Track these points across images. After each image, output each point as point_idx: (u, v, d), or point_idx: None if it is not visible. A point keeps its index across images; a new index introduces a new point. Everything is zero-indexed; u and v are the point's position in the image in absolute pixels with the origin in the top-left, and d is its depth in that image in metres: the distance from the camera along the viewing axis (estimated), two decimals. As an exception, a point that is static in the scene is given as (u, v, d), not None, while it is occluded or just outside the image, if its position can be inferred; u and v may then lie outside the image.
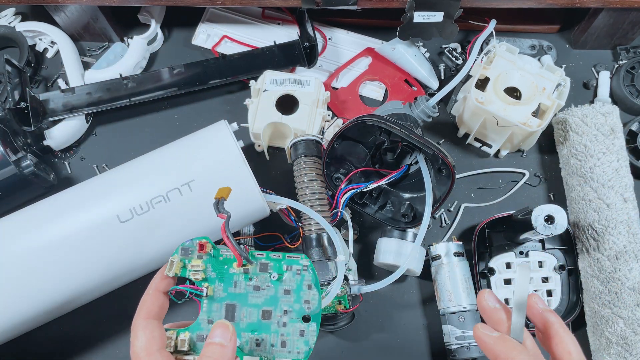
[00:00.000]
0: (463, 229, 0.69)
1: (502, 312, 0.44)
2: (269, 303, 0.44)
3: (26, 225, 0.57)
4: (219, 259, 0.44)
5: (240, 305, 0.44)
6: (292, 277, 0.44)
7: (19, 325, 0.57)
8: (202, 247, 0.44)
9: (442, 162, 0.58)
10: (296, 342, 0.43)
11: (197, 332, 0.43)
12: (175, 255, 0.44)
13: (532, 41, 0.76)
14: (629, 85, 0.73)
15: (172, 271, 0.43)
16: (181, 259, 0.44)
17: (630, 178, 0.64)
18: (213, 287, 0.44)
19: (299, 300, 0.44)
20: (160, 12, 0.80)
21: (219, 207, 0.42)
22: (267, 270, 0.44)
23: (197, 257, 0.44)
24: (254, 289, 0.44)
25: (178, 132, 0.65)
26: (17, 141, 0.67)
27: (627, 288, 0.59)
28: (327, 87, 0.76)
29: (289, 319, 0.44)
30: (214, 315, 0.43)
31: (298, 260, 0.45)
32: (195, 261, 0.44)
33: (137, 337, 0.40)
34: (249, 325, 0.43)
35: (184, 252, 0.44)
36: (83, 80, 0.75)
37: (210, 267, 0.44)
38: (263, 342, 0.43)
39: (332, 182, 0.64)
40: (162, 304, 0.43)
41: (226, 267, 0.44)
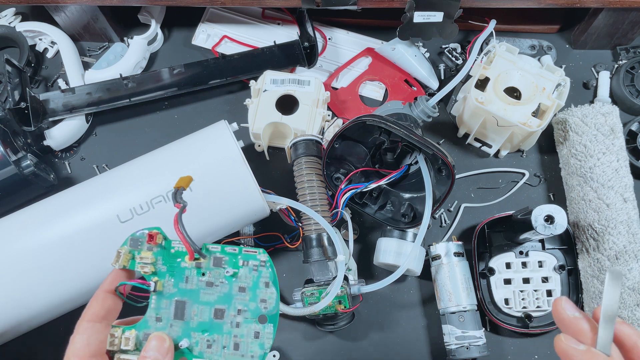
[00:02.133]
0: (463, 229, 0.69)
1: (583, 322, 0.40)
2: (222, 301, 0.40)
3: (26, 225, 0.57)
4: (171, 252, 0.41)
5: (192, 303, 0.40)
6: (248, 273, 0.41)
7: (19, 325, 0.57)
8: (152, 237, 0.40)
9: (442, 162, 0.58)
10: (250, 345, 0.40)
11: (144, 330, 0.40)
12: (123, 247, 0.41)
13: (532, 41, 0.76)
14: (628, 85, 0.73)
15: (119, 263, 0.40)
16: (130, 250, 0.41)
17: (630, 178, 0.64)
18: (163, 282, 0.40)
19: (255, 299, 0.40)
20: (160, 12, 0.80)
21: (177, 197, 0.39)
22: (221, 265, 0.41)
23: (146, 248, 0.41)
24: (207, 285, 0.41)
25: (178, 132, 0.65)
26: (17, 141, 0.67)
27: (627, 288, 0.59)
28: (327, 87, 0.76)
29: (243, 319, 0.40)
30: (163, 312, 0.40)
31: (255, 255, 0.41)
32: (144, 253, 0.40)
33: (74, 341, 0.38)
34: (200, 325, 0.40)
35: (133, 243, 0.41)
36: (83, 80, 0.75)
37: (161, 260, 0.41)
38: (215, 343, 0.40)
39: (332, 182, 0.64)
40: (111, 307, 0.40)
41: (178, 260, 0.41)
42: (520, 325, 0.63)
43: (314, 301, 0.58)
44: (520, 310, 0.63)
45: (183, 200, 0.39)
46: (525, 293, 0.63)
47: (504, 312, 0.63)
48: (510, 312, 0.63)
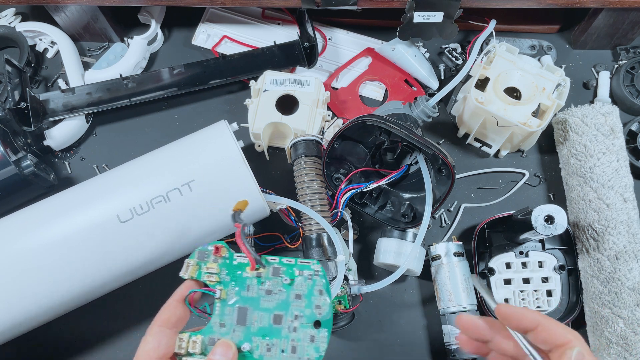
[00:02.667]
0: (463, 229, 0.69)
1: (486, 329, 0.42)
2: (280, 307, 0.44)
3: (26, 225, 0.57)
4: (233, 263, 0.45)
5: (252, 309, 0.44)
6: (303, 281, 0.44)
7: (18, 325, 0.57)
8: (218, 250, 0.44)
9: (442, 162, 0.58)
10: (306, 348, 0.43)
11: (209, 335, 0.43)
12: (192, 259, 0.44)
13: (532, 41, 0.76)
14: (628, 86, 0.73)
15: (187, 273, 0.44)
16: (197, 262, 0.44)
17: (630, 178, 0.64)
18: (226, 290, 0.44)
19: (310, 306, 0.44)
20: (160, 12, 0.80)
21: (236, 218, 0.43)
22: (279, 275, 0.44)
23: (212, 260, 0.45)
24: (266, 293, 0.44)
25: (178, 132, 0.65)
26: (17, 141, 0.67)
27: (627, 288, 0.59)
28: (327, 87, 0.76)
29: (299, 324, 0.43)
30: (226, 318, 0.43)
31: (310, 265, 0.45)
32: (210, 264, 0.44)
33: (145, 342, 0.41)
34: (260, 330, 0.43)
35: (200, 255, 0.45)
36: (83, 80, 0.75)
37: (225, 270, 0.44)
38: (274, 347, 0.43)
39: (332, 182, 0.64)
40: (181, 315, 0.43)
41: (240, 272, 0.45)
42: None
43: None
44: (520, 310, 0.63)
45: (242, 220, 0.43)
46: (525, 293, 0.63)
47: (504, 312, 0.63)
48: (510, 312, 0.63)
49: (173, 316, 0.42)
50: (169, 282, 0.47)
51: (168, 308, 0.43)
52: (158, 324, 0.42)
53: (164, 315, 0.42)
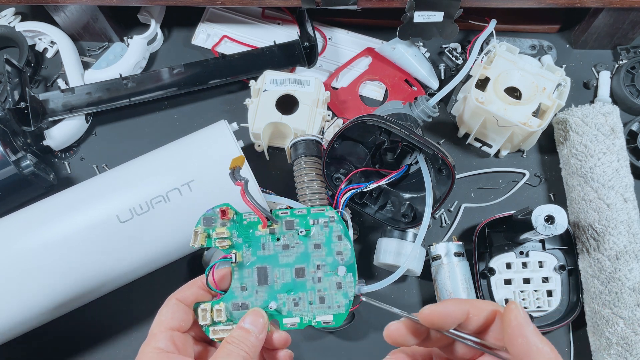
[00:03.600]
0: (463, 229, 0.69)
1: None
2: (300, 260, 0.42)
3: (26, 225, 0.57)
4: (243, 224, 0.43)
5: (272, 267, 0.42)
6: (320, 230, 0.43)
7: (18, 325, 0.57)
8: (225, 213, 0.42)
9: (442, 162, 0.58)
10: (335, 296, 0.42)
11: (232, 300, 0.42)
12: (198, 227, 0.42)
13: (532, 41, 0.76)
14: (629, 85, 0.73)
15: (197, 242, 0.42)
16: (204, 229, 0.42)
17: (631, 178, 0.64)
18: (241, 253, 0.43)
19: (331, 253, 0.43)
20: (160, 12, 0.80)
21: (235, 176, 0.41)
22: (293, 228, 0.43)
23: (220, 224, 0.43)
24: (284, 249, 0.43)
25: (178, 132, 0.65)
26: (17, 141, 0.67)
27: (628, 288, 0.59)
28: (327, 87, 0.76)
29: (323, 274, 0.42)
30: (247, 281, 0.42)
31: (324, 212, 0.43)
32: (219, 229, 0.42)
33: (161, 313, 0.40)
34: (284, 286, 0.42)
35: (206, 222, 0.43)
36: (83, 80, 0.75)
37: (236, 232, 0.43)
38: (301, 300, 0.42)
39: (332, 182, 0.63)
40: (199, 297, 0.42)
41: (251, 230, 0.43)
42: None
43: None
44: (521, 310, 0.62)
45: (242, 177, 0.41)
46: (525, 293, 0.63)
47: (504, 312, 0.63)
48: (511, 312, 0.63)
49: (191, 295, 0.41)
50: (169, 282, 0.47)
51: (190, 286, 0.42)
52: (176, 297, 0.41)
53: (184, 292, 0.41)
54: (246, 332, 0.39)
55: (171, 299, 0.41)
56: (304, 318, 0.42)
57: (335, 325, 0.42)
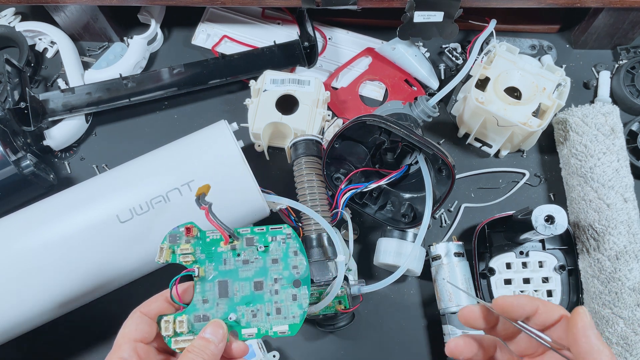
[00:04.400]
0: (463, 229, 0.69)
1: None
2: (259, 274, 0.46)
3: (26, 225, 0.57)
4: (207, 241, 0.46)
5: (232, 281, 0.45)
6: (277, 246, 0.46)
7: (18, 325, 0.57)
8: (189, 230, 0.45)
9: (442, 162, 0.58)
10: (290, 307, 0.45)
11: (194, 313, 0.44)
12: (164, 243, 0.45)
13: (532, 41, 0.76)
14: (629, 85, 0.73)
15: (162, 258, 0.44)
16: (170, 245, 0.45)
17: (631, 178, 0.64)
18: (204, 268, 0.45)
19: (288, 267, 0.46)
20: (160, 12, 0.80)
21: (200, 202, 0.44)
22: (253, 244, 0.46)
23: (185, 241, 0.45)
24: (244, 263, 0.46)
25: (178, 132, 0.65)
26: (17, 141, 0.67)
27: (627, 288, 0.59)
28: (327, 87, 0.76)
29: (280, 286, 0.45)
30: (208, 294, 0.45)
31: (281, 230, 0.47)
32: (183, 245, 0.45)
33: (125, 325, 0.42)
34: (243, 299, 0.45)
35: (171, 239, 0.45)
36: (83, 80, 0.75)
37: (199, 249, 0.46)
38: (259, 312, 0.45)
39: (332, 182, 0.63)
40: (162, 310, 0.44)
41: (214, 247, 0.46)
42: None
43: (314, 301, 0.58)
44: (521, 310, 0.62)
45: (207, 202, 0.44)
46: (525, 293, 0.63)
47: (504, 312, 0.63)
48: (511, 312, 0.63)
49: (155, 309, 0.44)
50: (169, 282, 0.47)
51: (154, 300, 0.44)
52: (140, 310, 0.43)
53: (148, 306, 0.44)
54: (206, 341, 0.41)
55: (135, 312, 0.43)
56: (261, 328, 0.44)
57: (290, 334, 0.45)
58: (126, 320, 0.43)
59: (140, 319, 0.43)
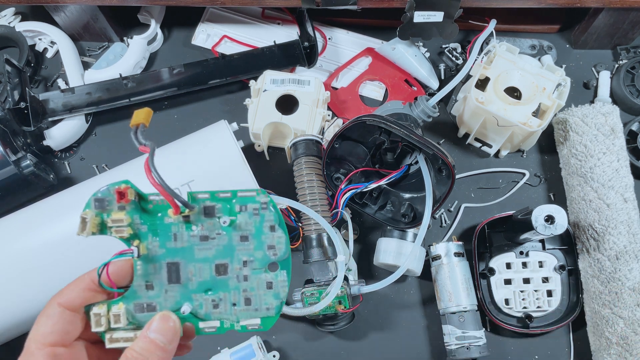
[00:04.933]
0: (463, 229, 0.69)
1: None
2: (222, 255, 0.35)
3: (26, 225, 0.57)
4: (149, 207, 0.35)
5: (186, 262, 0.35)
6: (248, 219, 0.35)
7: (18, 325, 0.57)
8: (122, 195, 0.34)
9: (442, 162, 0.58)
10: (263, 297, 0.35)
11: (135, 301, 0.34)
12: (86, 210, 0.34)
13: (532, 41, 0.76)
14: (629, 85, 0.73)
15: (86, 231, 0.34)
16: (97, 213, 0.34)
17: (631, 178, 0.64)
18: (146, 244, 0.35)
19: (261, 247, 0.35)
20: (160, 12, 0.80)
21: (138, 137, 0.32)
22: (214, 215, 0.35)
23: (117, 208, 0.34)
24: (201, 240, 0.35)
25: (178, 132, 0.65)
26: (17, 141, 0.67)
27: (628, 288, 0.59)
28: (327, 87, 0.76)
29: (250, 271, 0.35)
30: (153, 278, 0.35)
31: (254, 197, 0.35)
32: (116, 214, 0.34)
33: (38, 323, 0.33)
34: (201, 285, 0.35)
35: (98, 205, 0.34)
36: (83, 80, 0.75)
37: (139, 219, 0.34)
38: (222, 302, 0.35)
39: (332, 182, 0.63)
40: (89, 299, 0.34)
41: (160, 215, 0.35)
42: (521, 325, 0.63)
43: (314, 301, 0.58)
44: (521, 310, 0.63)
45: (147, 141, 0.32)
46: (525, 293, 0.63)
47: (504, 313, 0.63)
48: (511, 313, 0.63)
49: (79, 298, 0.34)
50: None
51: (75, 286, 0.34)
52: (58, 301, 0.33)
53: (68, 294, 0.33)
54: (151, 343, 0.32)
55: (52, 305, 0.33)
56: (225, 322, 0.36)
57: (263, 329, 0.36)
58: (39, 316, 0.33)
59: (59, 315, 0.32)
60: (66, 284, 0.55)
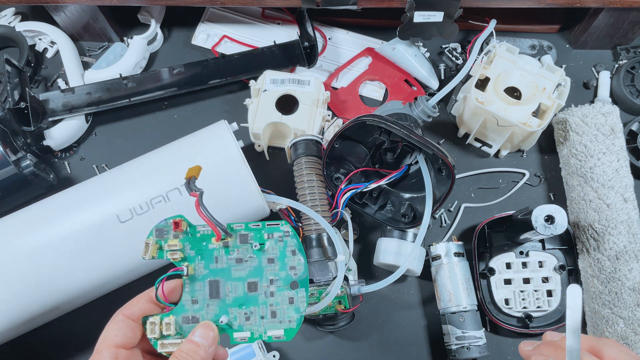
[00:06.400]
0: (463, 229, 0.69)
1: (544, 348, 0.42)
2: (253, 274, 0.43)
3: (26, 225, 0.57)
4: (197, 236, 0.43)
5: (224, 281, 0.42)
6: (274, 244, 0.43)
7: (18, 325, 0.57)
8: (177, 225, 0.42)
9: (442, 162, 0.58)
10: (286, 311, 0.42)
11: (182, 314, 0.41)
12: (150, 238, 0.42)
13: (532, 41, 0.76)
14: (629, 85, 0.73)
15: (148, 254, 0.41)
16: (156, 240, 0.42)
17: (631, 178, 0.64)
18: (194, 265, 0.42)
19: (285, 267, 0.43)
20: (160, 12, 0.80)
21: (191, 186, 0.41)
22: (247, 241, 0.43)
23: (173, 236, 0.42)
24: (237, 262, 0.43)
25: (178, 132, 0.65)
26: (17, 141, 0.67)
27: (627, 288, 0.59)
28: (327, 87, 0.76)
29: (276, 288, 0.43)
30: (198, 294, 0.42)
31: (278, 227, 0.44)
32: (171, 241, 0.42)
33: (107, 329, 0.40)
34: (236, 300, 0.42)
35: (158, 234, 0.42)
36: (83, 80, 0.75)
37: (189, 245, 0.43)
38: (252, 315, 0.42)
39: (332, 182, 0.63)
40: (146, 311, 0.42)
41: (205, 243, 0.43)
42: (521, 325, 0.63)
43: (314, 301, 0.58)
44: (521, 310, 0.63)
45: (197, 188, 0.41)
46: (525, 293, 0.63)
47: (504, 313, 0.63)
48: (511, 313, 0.63)
49: (139, 310, 0.41)
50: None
51: (137, 301, 0.42)
52: (123, 313, 0.41)
53: (131, 307, 0.41)
54: (196, 345, 0.39)
55: (117, 315, 0.41)
56: (254, 332, 0.42)
57: (286, 339, 0.42)
58: (107, 324, 0.41)
59: (123, 322, 0.41)
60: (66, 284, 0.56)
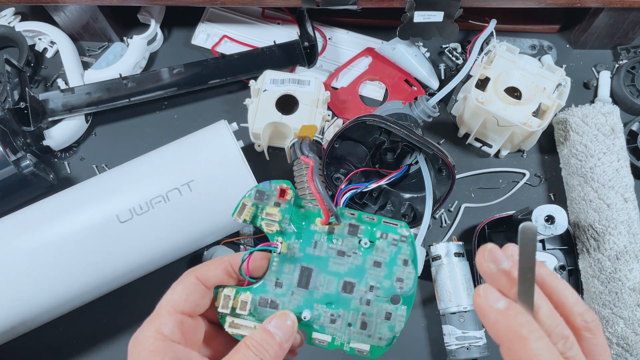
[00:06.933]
0: (463, 229, 0.69)
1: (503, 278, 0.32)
2: (353, 274, 0.36)
3: (26, 225, 0.57)
4: (300, 212, 0.37)
5: (318, 271, 0.36)
6: (386, 247, 0.37)
7: (18, 325, 0.57)
8: (283, 192, 0.36)
9: (443, 162, 0.58)
10: (379, 326, 0.36)
11: (261, 294, 0.36)
12: (247, 198, 0.36)
13: (532, 41, 0.76)
14: (629, 85, 0.73)
15: (242, 216, 0.36)
16: (254, 203, 0.36)
17: (631, 178, 0.64)
18: (288, 244, 0.36)
19: (391, 277, 0.36)
20: (160, 11, 0.80)
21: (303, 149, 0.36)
22: (356, 234, 0.37)
23: (274, 204, 0.36)
24: (338, 254, 0.36)
25: (178, 132, 0.65)
26: (16, 141, 0.67)
27: (628, 288, 0.59)
28: (327, 87, 0.76)
29: (374, 297, 0.36)
30: (284, 277, 0.36)
31: (397, 228, 0.37)
32: (271, 209, 0.36)
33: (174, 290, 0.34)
34: (325, 297, 0.36)
35: (259, 196, 0.36)
36: (83, 80, 0.75)
37: (288, 218, 0.36)
38: (339, 318, 0.36)
39: (332, 182, 0.63)
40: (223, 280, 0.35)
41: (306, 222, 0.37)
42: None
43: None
44: (521, 310, 0.62)
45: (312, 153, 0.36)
46: (525, 293, 0.63)
47: (504, 313, 0.63)
48: (511, 313, 0.63)
49: (214, 277, 0.35)
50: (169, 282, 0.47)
51: (215, 266, 0.35)
52: (196, 274, 0.35)
53: (207, 271, 0.35)
54: (271, 336, 0.34)
55: (190, 275, 0.35)
56: (336, 339, 0.36)
57: (370, 357, 0.36)
58: (175, 284, 0.34)
59: (195, 286, 0.34)
60: (66, 284, 0.56)
